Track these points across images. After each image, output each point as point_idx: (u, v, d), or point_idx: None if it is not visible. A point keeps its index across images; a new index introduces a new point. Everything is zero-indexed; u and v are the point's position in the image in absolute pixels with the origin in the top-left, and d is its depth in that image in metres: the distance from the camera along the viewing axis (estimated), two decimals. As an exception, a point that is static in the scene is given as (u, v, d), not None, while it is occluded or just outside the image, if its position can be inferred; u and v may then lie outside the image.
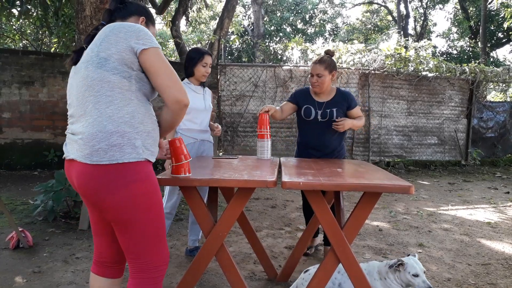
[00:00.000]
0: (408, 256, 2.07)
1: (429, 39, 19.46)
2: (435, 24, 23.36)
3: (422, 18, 20.71)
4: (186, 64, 2.94)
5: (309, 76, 2.90)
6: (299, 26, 21.07)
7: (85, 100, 1.38)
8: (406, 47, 9.13)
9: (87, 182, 1.35)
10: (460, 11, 19.54)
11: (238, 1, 11.83)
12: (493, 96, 12.26)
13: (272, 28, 19.53)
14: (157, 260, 1.46)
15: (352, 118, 2.89)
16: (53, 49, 9.06)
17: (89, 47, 1.43)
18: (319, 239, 3.30)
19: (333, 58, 2.93)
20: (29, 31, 10.09)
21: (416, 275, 1.93)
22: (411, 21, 20.75)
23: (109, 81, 1.36)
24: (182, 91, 1.41)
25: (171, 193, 2.90)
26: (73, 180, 1.43)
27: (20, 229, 3.14)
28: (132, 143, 1.36)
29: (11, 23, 8.99)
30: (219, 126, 3.05)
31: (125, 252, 1.45)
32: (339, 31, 22.78)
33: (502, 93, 11.36)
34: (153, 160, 1.46)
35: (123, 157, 1.34)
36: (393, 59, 8.04)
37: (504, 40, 18.76)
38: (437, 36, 22.27)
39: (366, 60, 8.06)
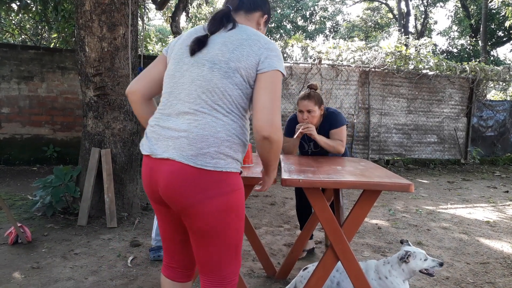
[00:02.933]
0: (403, 244, 2.09)
1: (430, 37, 19.44)
2: (435, 22, 23.33)
3: (423, 16, 20.68)
4: None
5: (297, 112, 2.79)
6: (300, 23, 21.02)
7: (200, 101, 1.32)
8: (406, 45, 9.13)
9: (182, 183, 1.27)
10: (461, 9, 19.50)
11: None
12: (493, 95, 12.25)
13: (273, 25, 19.48)
14: (231, 273, 1.41)
15: (332, 139, 2.74)
16: (52, 44, 9.03)
17: (218, 47, 1.34)
18: (313, 243, 3.20)
19: (317, 91, 2.81)
20: (28, 26, 10.05)
21: (425, 259, 1.99)
22: (411, 19, 20.72)
23: (231, 95, 1.32)
24: (272, 121, 1.30)
25: None
26: (159, 178, 1.32)
27: (18, 225, 3.14)
28: (237, 155, 1.34)
29: (11, 18, 8.95)
30: None
31: (201, 265, 1.40)
32: (339, 29, 22.74)
33: (502, 92, 11.36)
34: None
35: (227, 165, 1.30)
36: (394, 57, 8.03)
37: (504, 39, 18.74)
38: (437, 34, 22.25)
39: (367, 58, 8.05)
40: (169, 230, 1.49)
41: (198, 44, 1.36)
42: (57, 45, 8.36)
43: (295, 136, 2.69)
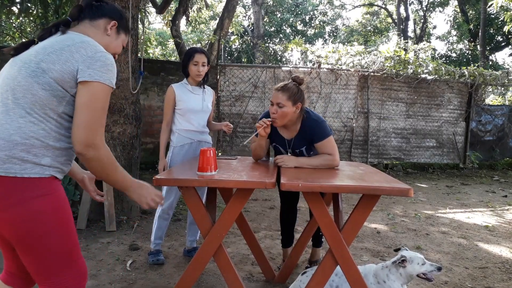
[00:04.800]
0: (400, 250, 2.10)
1: (429, 42, 19.50)
2: (434, 27, 23.40)
3: (422, 21, 20.76)
4: (182, 64, 2.94)
5: (270, 104, 2.38)
6: (299, 27, 21.09)
7: (1, 99, 1.26)
8: (405, 50, 9.16)
9: None
10: (459, 14, 19.58)
11: (239, 2, 11.85)
12: (492, 99, 12.29)
13: (272, 29, 19.55)
14: (69, 279, 1.32)
15: (320, 153, 2.35)
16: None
17: (36, 48, 1.31)
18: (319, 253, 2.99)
19: (302, 87, 2.39)
20: (29, 29, 10.06)
21: (423, 263, 1.98)
22: (410, 23, 20.81)
23: (35, 94, 1.24)
24: (85, 138, 1.25)
25: (168, 193, 2.89)
26: None
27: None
28: (38, 159, 1.24)
29: (11, 21, 8.97)
30: (230, 125, 2.97)
31: (31, 274, 1.31)
32: (338, 33, 22.80)
33: (500, 96, 11.40)
34: (60, 177, 1.34)
35: (23, 171, 1.21)
36: (393, 61, 8.06)
37: (503, 44, 18.81)
38: (436, 38, 22.32)
39: (366, 62, 8.07)
40: None
41: (21, 48, 1.35)
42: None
43: (254, 134, 2.36)
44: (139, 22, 4.45)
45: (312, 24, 21.54)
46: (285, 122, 2.35)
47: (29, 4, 6.33)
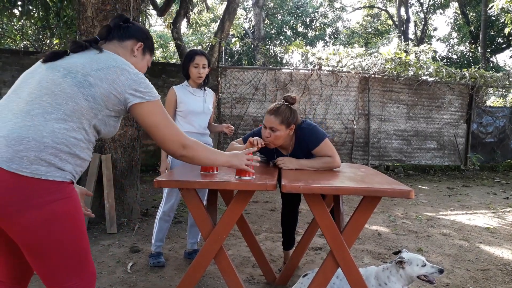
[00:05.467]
0: (400, 253, 2.09)
1: (430, 44, 19.52)
2: (435, 29, 23.44)
3: (423, 23, 20.77)
4: (182, 66, 2.94)
5: (262, 126, 2.36)
6: (300, 29, 21.12)
7: (38, 101, 1.25)
8: (406, 52, 9.16)
9: None
10: (460, 16, 19.59)
11: (239, 4, 11.87)
12: (493, 101, 12.28)
13: (273, 31, 19.57)
14: (80, 283, 1.32)
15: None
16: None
17: (81, 62, 1.33)
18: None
19: (294, 106, 2.34)
20: (30, 31, 10.09)
21: (424, 265, 1.98)
22: (411, 25, 20.80)
23: (77, 103, 1.27)
24: (178, 140, 1.46)
25: (169, 195, 2.89)
26: None
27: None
28: (62, 165, 1.25)
29: (12, 24, 8.99)
30: (231, 127, 2.98)
31: (41, 279, 1.30)
32: (339, 35, 22.83)
33: (501, 98, 11.39)
34: (75, 181, 1.35)
35: (48, 173, 1.20)
36: (393, 63, 8.06)
37: (504, 46, 18.80)
38: (437, 40, 22.32)
39: (367, 64, 8.07)
40: None
41: (54, 55, 1.36)
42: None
43: (245, 150, 2.13)
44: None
45: (313, 26, 21.57)
46: (279, 144, 2.36)
47: (30, 7, 6.35)
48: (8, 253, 1.37)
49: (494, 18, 17.25)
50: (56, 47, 8.82)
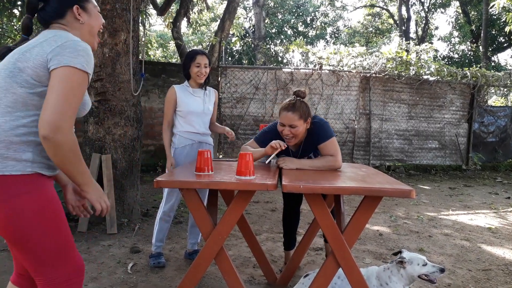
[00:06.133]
0: (400, 253, 2.08)
1: (431, 43, 19.48)
2: (436, 28, 23.36)
3: (424, 22, 20.74)
4: (183, 66, 2.94)
5: (278, 124, 2.35)
6: (300, 28, 21.10)
7: None
8: (407, 51, 9.14)
9: None
10: (461, 15, 19.56)
11: (240, 3, 11.86)
12: (494, 100, 12.25)
13: (273, 30, 19.56)
14: (63, 274, 1.33)
15: (323, 155, 2.35)
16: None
17: (14, 52, 1.34)
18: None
19: (305, 99, 2.36)
20: (30, 31, 10.09)
21: (424, 264, 1.97)
22: (412, 24, 20.78)
23: (15, 93, 1.26)
24: (53, 121, 1.20)
25: (169, 196, 2.88)
26: None
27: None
28: (19, 155, 1.24)
29: (12, 24, 9.00)
30: (232, 132, 2.93)
31: (28, 269, 1.34)
32: (340, 34, 22.80)
33: (503, 97, 11.36)
34: (48, 173, 1.33)
35: (4, 168, 1.22)
36: (394, 62, 8.04)
37: (505, 45, 18.77)
38: (438, 39, 22.28)
39: (367, 64, 8.06)
40: None
41: (4, 53, 1.38)
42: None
43: (266, 157, 2.28)
44: (140, 24, 4.45)
45: (314, 26, 21.54)
46: (299, 139, 2.36)
47: (30, 7, 6.34)
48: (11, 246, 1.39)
49: (495, 17, 17.22)
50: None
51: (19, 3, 6.19)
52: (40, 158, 1.29)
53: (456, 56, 19.94)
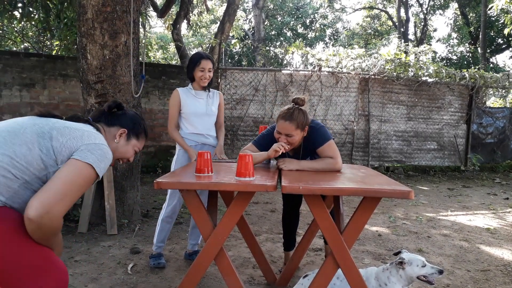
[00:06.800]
0: (400, 253, 2.09)
1: (429, 44, 19.52)
2: (435, 30, 23.45)
3: (422, 24, 20.78)
4: (187, 69, 2.96)
5: (275, 131, 2.34)
6: (300, 30, 21.12)
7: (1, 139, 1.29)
8: (406, 52, 9.16)
9: None
10: (460, 16, 19.61)
11: (239, 5, 11.89)
12: (493, 101, 12.27)
13: (273, 32, 19.58)
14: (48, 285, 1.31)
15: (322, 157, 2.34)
16: (54, 51, 9.08)
17: (60, 121, 1.44)
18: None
19: (304, 107, 2.33)
20: (30, 33, 10.11)
21: (423, 266, 1.98)
22: (411, 26, 20.82)
23: (31, 149, 1.30)
24: (48, 205, 1.21)
25: (171, 197, 2.90)
26: None
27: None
28: None
29: (13, 25, 9.01)
30: (220, 156, 2.93)
31: None
32: (339, 36, 22.84)
33: (501, 99, 11.39)
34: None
35: None
36: (393, 64, 8.06)
37: (504, 46, 18.80)
38: (437, 41, 22.32)
39: (366, 65, 8.08)
40: None
41: (47, 114, 1.48)
42: (59, 53, 8.41)
43: (267, 156, 2.29)
44: (141, 26, 4.47)
45: (313, 27, 21.57)
46: (295, 146, 2.37)
47: (30, 9, 6.36)
48: None
49: (494, 18, 17.26)
50: (56, 48, 8.84)
51: (19, 5, 6.21)
52: (11, 202, 1.28)
53: (454, 57, 19.98)
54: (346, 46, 18.39)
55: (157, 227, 2.94)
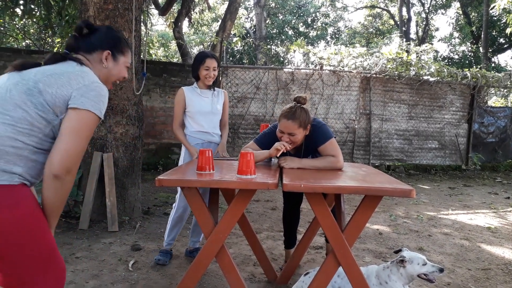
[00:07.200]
0: (400, 251, 2.10)
1: (431, 44, 19.50)
2: (437, 29, 23.38)
3: (424, 23, 20.74)
4: (192, 68, 2.98)
5: (277, 130, 2.34)
6: (301, 29, 21.10)
7: None
8: (407, 51, 9.15)
9: None
10: (462, 16, 19.56)
11: (241, 4, 11.87)
12: (494, 101, 12.26)
13: (274, 30, 19.56)
14: (45, 284, 1.29)
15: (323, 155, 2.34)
16: (56, 48, 9.09)
17: (37, 70, 1.33)
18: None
19: (305, 106, 2.33)
20: (32, 30, 10.11)
21: (424, 264, 1.98)
22: (413, 25, 20.78)
23: (26, 111, 1.25)
24: (65, 163, 1.24)
25: (181, 196, 2.90)
26: None
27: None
28: (9, 167, 1.22)
29: (14, 22, 9.01)
30: (222, 154, 2.97)
31: (7, 283, 1.28)
32: (341, 35, 22.80)
33: (503, 98, 11.37)
34: (29, 184, 1.32)
35: None
36: (395, 63, 8.05)
37: (505, 46, 18.77)
38: (438, 40, 22.28)
39: (368, 64, 8.07)
40: None
41: (24, 65, 1.36)
42: (61, 50, 8.41)
43: (268, 154, 2.29)
44: (142, 24, 4.46)
45: (314, 26, 21.55)
46: (298, 144, 2.37)
47: (32, 6, 6.36)
48: None
49: (495, 18, 17.22)
50: (58, 45, 8.84)
51: (21, 2, 6.20)
52: (26, 174, 1.28)
53: (456, 57, 19.95)
54: (348, 45, 18.37)
55: (168, 225, 2.97)
